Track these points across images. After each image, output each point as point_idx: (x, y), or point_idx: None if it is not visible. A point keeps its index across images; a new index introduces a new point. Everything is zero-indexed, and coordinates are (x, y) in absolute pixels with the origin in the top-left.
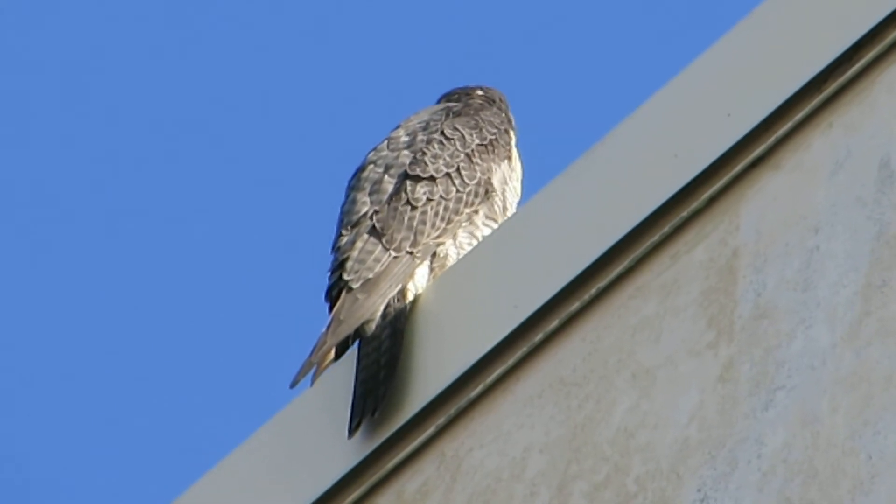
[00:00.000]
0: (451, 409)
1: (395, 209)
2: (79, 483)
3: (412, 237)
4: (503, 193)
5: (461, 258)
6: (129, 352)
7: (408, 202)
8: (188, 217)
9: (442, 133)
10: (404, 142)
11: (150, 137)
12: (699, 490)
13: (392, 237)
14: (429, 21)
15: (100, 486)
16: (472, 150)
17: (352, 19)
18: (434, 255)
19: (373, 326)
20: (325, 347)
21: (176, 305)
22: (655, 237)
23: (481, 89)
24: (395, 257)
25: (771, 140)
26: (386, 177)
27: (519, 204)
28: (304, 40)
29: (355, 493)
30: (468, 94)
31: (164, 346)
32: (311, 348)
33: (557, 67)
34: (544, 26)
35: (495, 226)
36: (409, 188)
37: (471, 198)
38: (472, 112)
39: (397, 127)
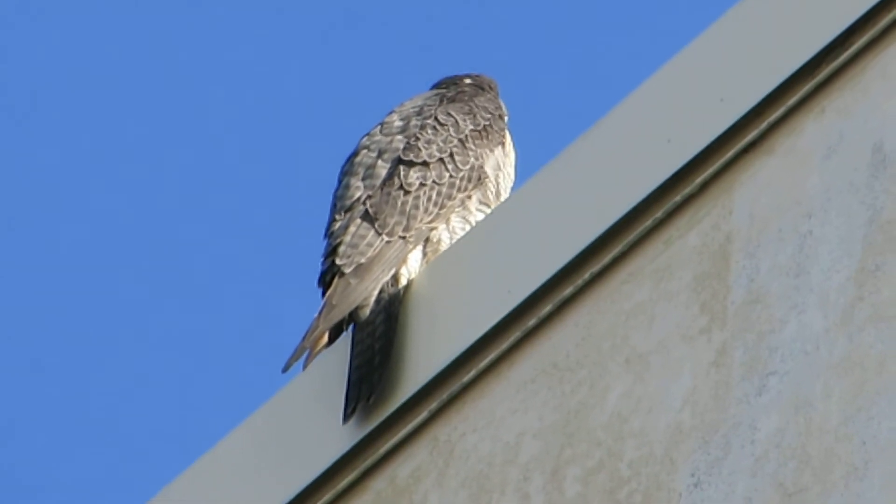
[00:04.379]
0: (444, 394)
1: (388, 194)
2: (71, 469)
3: (405, 222)
4: (496, 179)
5: (454, 243)
6: (123, 340)
7: (401, 187)
8: (180, 203)
9: (436, 118)
10: (398, 127)
11: (142, 128)
12: (692, 475)
13: (385, 222)
14: (422, 6)
15: (92, 472)
16: (466, 136)
17: (346, 8)
18: (427, 240)
19: (367, 312)
20: (317, 332)
21: (168, 292)
22: (648, 222)
23: (469, 77)
24: (388, 242)
25: (764, 125)
26: (379, 162)
27: (512, 189)
28: (297, 31)
29: (348, 478)
30: (456, 84)
31: (157, 332)
32: (303, 333)
33: (551, 52)
34: (538, 11)
35: (489, 211)
36: (402, 173)
37: (464, 183)
38: (466, 98)
39: (391, 112)
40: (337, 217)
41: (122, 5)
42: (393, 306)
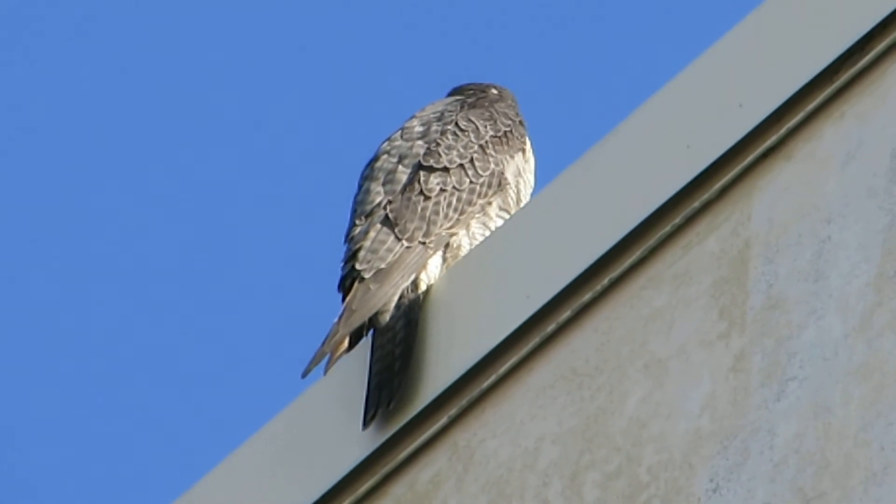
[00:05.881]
0: (464, 400)
1: (409, 199)
2: (92, 473)
3: (425, 227)
4: (517, 185)
5: (474, 249)
6: (146, 343)
7: (421, 192)
8: (201, 207)
9: (456, 124)
10: (418, 132)
11: (170, 128)
12: (711, 480)
13: (405, 227)
14: (441, 11)
15: (112, 477)
16: (486, 142)
17: (366, 13)
18: (447, 245)
19: (387, 317)
20: (336, 337)
21: (191, 296)
22: (667, 228)
23: (495, 88)
24: (408, 247)
25: (783, 130)
26: (400, 167)
27: (532, 195)
28: (319, 35)
29: (368, 484)
30: (483, 91)
31: (179, 337)
32: (323, 338)
33: (570, 57)
34: (557, 17)
35: (508, 217)
36: (422, 179)
37: (484, 189)
38: (486, 104)
39: (411, 117)
40: (357, 222)
41: (142, 5)
42: (413, 312)
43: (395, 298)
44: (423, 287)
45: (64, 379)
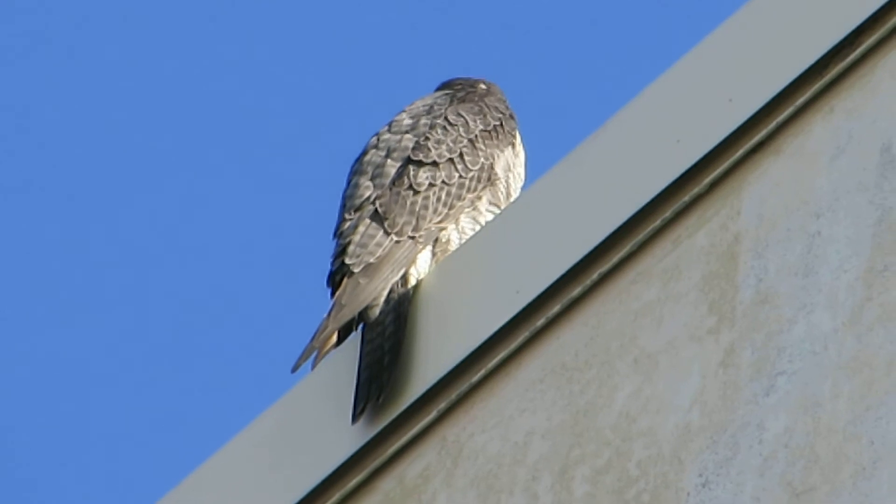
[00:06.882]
0: (453, 394)
1: (398, 194)
2: (79, 470)
3: (414, 222)
4: (506, 179)
5: (464, 243)
6: (133, 339)
7: (410, 187)
8: (188, 203)
9: (446, 118)
10: (407, 126)
11: (166, 124)
12: (700, 475)
13: (394, 222)
14: (433, 6)
15: (100, 474)
16: (476, 136)
17: (354, 8)
18: (436, 240)
19: (376, 312)
20: (326, 332)
21: (178, 291)
22: (657, 222)
23: (484, 82)
24: (397, 242)
25: (772, 125)
26: (388, 161)
27: (522, 189)
28: (301, 34)
29: (357, 478)
30: (472, 86)
31: (168, 332)
32: (312, 333)
33: (560, 51)
34: (547, 10)
35: (498, 211)
36: (411, 173)
37: (473, 183)
38: (476, 98)
39: (400, 111)
40: (346, 217)
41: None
42: (402, 306)
43: (385, 293)
44: (412, 281)
45: (52, 375)
